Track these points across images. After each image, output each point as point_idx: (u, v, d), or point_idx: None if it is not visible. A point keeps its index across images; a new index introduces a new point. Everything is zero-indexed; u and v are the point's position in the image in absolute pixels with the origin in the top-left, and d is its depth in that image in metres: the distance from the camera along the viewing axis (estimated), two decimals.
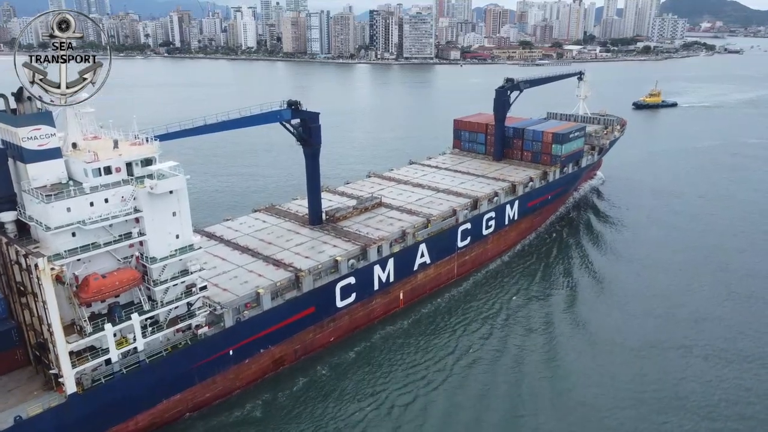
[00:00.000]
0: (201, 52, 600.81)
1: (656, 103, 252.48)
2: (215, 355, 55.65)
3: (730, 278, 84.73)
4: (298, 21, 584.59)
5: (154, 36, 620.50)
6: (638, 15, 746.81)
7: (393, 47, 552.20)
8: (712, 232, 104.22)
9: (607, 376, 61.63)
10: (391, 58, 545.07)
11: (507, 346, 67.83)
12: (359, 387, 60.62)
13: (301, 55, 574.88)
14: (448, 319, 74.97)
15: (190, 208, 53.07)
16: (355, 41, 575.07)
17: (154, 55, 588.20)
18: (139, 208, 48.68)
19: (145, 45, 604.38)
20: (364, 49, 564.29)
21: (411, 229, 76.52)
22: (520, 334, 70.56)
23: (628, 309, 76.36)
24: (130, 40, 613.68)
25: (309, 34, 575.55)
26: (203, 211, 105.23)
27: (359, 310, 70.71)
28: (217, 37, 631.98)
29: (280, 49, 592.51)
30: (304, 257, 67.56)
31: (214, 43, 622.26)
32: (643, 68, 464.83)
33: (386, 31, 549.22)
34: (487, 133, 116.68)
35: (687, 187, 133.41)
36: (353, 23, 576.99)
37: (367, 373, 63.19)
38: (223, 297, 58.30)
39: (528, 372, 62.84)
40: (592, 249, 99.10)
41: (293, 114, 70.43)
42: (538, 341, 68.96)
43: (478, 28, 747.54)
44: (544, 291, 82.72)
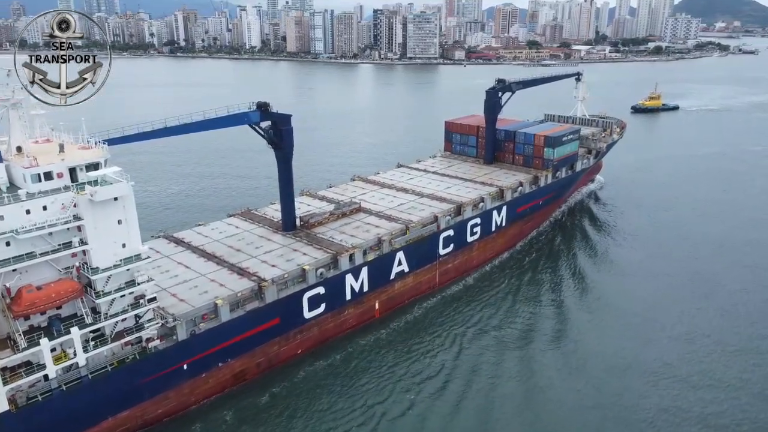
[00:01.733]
0: (204, 51, 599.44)
1: (656, 107, 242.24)
2: (167, 369, 53.05)
3: (722, 301, 79.61)
4: (302, 20, 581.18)
5: (158, 35, 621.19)
6: (651, 15, 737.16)
7: (397, 47, 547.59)
8: (709, 243, 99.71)
9: (588, 400, 58.14)
10: (394, 58, 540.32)
11: (481, 364, 64.37)
12: (330, 401, 57.78)
13: (305, 55, 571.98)
14: (425, 330, 71.91)
15: (174, 211, 50.68)
16: (359, 41, 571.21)
17: (157, 54, 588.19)
18: (80, 216, 46.15)
19: (149, 44, 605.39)
20: (369, 49, 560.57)
21: (387, 237, 73.52)
22: (495, 350, 67.13)
23: (613, 326, 72.61)
24: (135, 39, 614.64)
25: (312, 33, 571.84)
26: (189, 214, 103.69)
27: (330, 321, 67.88)
28: (222, 37, 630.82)
29: (284, 48, 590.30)
30: (271, 266, 64.78)
31: (218, 43, 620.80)
32: (652, 69, 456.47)
33: (390, 31, 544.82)
34: (479, 135, 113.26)
35: (683, 195, 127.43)
36: (357, 23, 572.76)
37: (338, 386, 60.34)
38: (179, 308, 55.61)
39: (502, 394, 59.46)
40: (584, 258, 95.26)
41: (262, 116, 67.64)
42: (512, 357, 65.50)
43: (488, 28, 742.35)
44: (529, 302, 79.25)
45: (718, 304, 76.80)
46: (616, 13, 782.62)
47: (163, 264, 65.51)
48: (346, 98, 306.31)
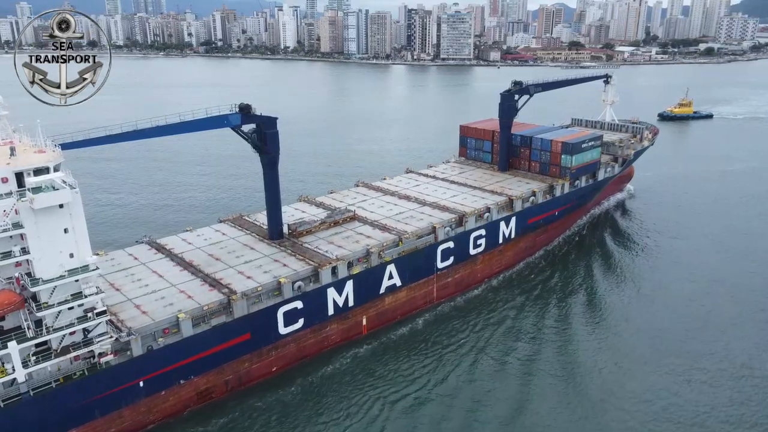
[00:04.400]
0: (239, 51, 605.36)
1: (686, 114, 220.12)
2: (121, 386, 50.12)
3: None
4: (336, 20, 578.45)
5: (197, 35, 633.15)
6: (706, 14, 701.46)
7: (430, 47, 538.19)
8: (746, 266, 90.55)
9: None
10: (427, 59, 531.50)
11: (473, 391, 59.27)
12: (306, 423, 53.94)
13: (338, 56, 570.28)
14: (416, 348, 67.27)
15: (171, 213, 48.08)
16: (392, 41, 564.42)
17: (192, 54, 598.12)
18: (21, 224, 43.55)
19: (187, 44, 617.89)
20: (404, 49, 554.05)
21: (377, 248, 68.96)
22: (492, 376, 61.81)
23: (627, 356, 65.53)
24: (174, 39, 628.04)
25: (346, 33, 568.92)
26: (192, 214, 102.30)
27: (309, 337, 63.85)
28: (259, 37, 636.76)
29: (318, 48, 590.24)
30: (246, 277, 61.23)
31: (253, 42, 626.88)
32: (699, 72, 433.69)
33: (423, 31, 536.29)
34: (494, 140, 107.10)
35: (716, 214, 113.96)
36: (390, 22, 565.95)
37: (316, 405, 56.59)
38: (139, 321, 52.65)
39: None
40: (602, 276, 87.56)
41: (244, 119, 64.18)
42: (510, 389, 59.90)
43: (531, 29, 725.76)
44: (535, 321, 73.37)
45: None
46: (668, 13, 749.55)
47: (137, 272, 62.91)
48: (378, 101, 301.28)
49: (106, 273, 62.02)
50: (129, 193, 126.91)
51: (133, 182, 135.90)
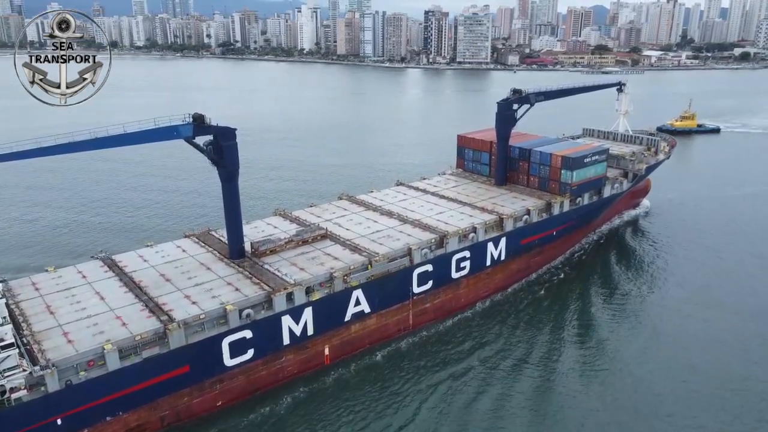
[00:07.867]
0: (254, 53, 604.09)
1: (689, 128, 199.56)
2: (35, 424, 45.63)
3: None
4: (353, 22, 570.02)
5: (215, 36, 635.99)
6: (745, 17, 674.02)
7: (447, 50, 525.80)
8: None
9: None
10: (443, 62, 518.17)
11: None
12: None
13: (353, 58, 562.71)
14: (384, 377, 61.98)
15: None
16: (408, 43, 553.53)
17: (209, 55, 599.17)
18: None
19: (206, 45, 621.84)
20: (421, 52, 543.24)
21: (341, 272, 63.42)
22: (464, 414, 55.79)
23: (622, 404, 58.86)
24: (193, 41, 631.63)
25: (362, 35, 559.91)
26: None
27: (261, 368, 58.64)
28: (278, 38, 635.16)
29: (335, 51, 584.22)
30: (192, 303, 56.38)
31: (270, 44, 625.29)
32: (730, 78, 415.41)
33: (440, 33, 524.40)
34: (492, 152, 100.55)
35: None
36: (407, 24, 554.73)
37: None
38: (62, 351, 48.14)
39: None
40: (602, 305, 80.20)
41: (198, 130, 59.30)
42: None
43: (560, 31, 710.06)
44: (522, 354, 66.88)
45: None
46: (705, 16, 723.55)
47: (79, 293, 58.54)
48: (385, 109, 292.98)
49: (46, 294, 58.31)
50: (102, 200, 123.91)
51: (103, 188, 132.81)
